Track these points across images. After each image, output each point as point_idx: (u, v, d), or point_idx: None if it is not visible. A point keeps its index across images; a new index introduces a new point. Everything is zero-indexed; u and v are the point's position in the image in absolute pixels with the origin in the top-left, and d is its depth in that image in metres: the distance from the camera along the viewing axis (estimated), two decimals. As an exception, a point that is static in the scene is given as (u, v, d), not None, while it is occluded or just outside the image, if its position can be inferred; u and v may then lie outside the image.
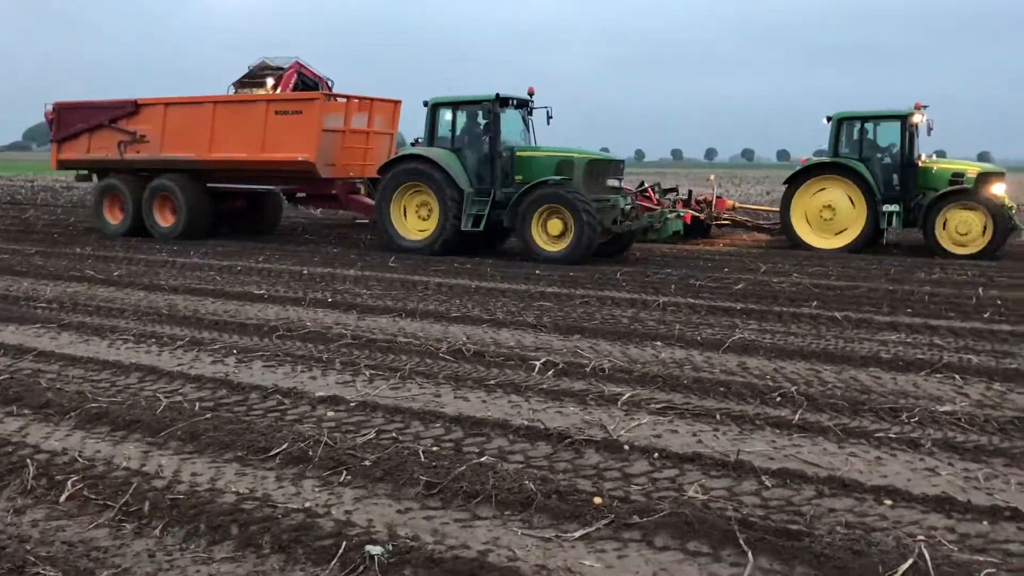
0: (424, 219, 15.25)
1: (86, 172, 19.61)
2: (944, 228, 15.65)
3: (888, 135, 17.01)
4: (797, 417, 5.95)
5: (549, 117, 15.33)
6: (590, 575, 3.79)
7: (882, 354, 7.83)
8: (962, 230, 15.50)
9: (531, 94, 15.44)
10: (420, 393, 6.55)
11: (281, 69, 19.95)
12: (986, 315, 9.71)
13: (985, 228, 15.36)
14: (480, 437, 5.54)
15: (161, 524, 4.19)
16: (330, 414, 6.00)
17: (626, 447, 5.33)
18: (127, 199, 17.93)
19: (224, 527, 4.14)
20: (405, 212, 15.38)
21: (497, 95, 14.80)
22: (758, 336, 8.57)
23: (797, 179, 17.00)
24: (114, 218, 18.36)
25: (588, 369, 7.20)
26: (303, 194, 17.59)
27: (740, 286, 11.66)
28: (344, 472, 4.85)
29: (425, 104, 15.56)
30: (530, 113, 15.55)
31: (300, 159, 16.00)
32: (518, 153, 14.94)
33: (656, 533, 4.13)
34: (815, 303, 10.39)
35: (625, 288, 11.59)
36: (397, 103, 17.79)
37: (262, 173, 16.88)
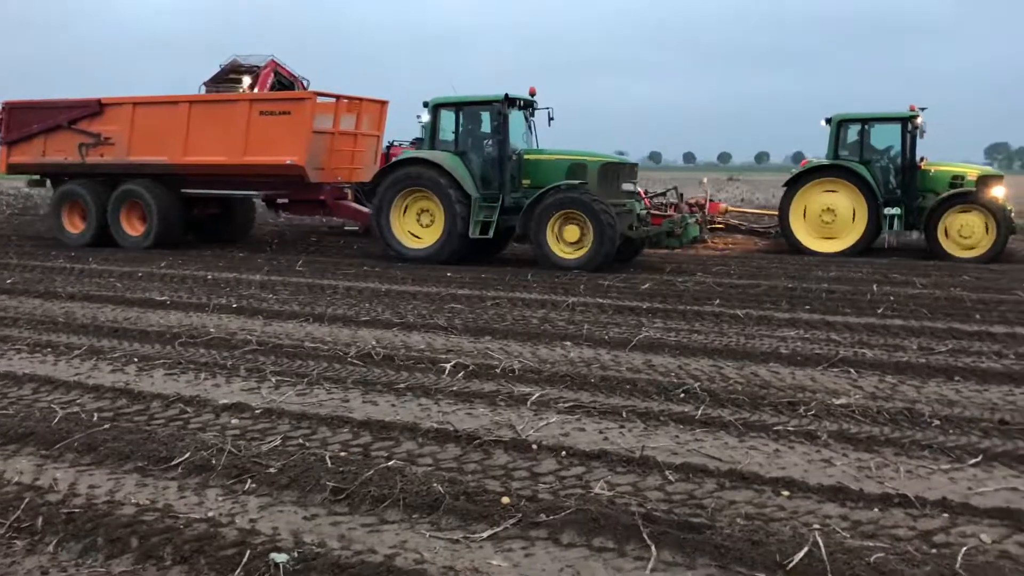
0: (425, 226, 14.45)
1: (38, 177, 18.27)
2: (946, 232, 15.58)
3: (887, 137, 16.87)
4: (700, 413, 6.10)
5: (550, 119, 14.76)
6: (497, 575, 3.82)
7: (781, 350, 8.08)
8: (965, 233, 15.43)
9: (533, 94, 14.77)
10: (328, 399, 6.48)
11: (256, 68, 18.96)
12: (879, 311, 10.10)
13: (988, 230, 15.31)
14: (389, 441, 5.52)
15: (56, 539, 4.05)
16: (234, 422, 5.89)
17: (534, 446, 5.38)
18: (90, 207, 16.55)
19: (123, 540, 4.03)
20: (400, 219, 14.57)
21: (506, 95, 14.13)
22: (663, 334, 8.74)
23: (797, 182, 16.73)
24: (74, 227, 16.96)
25: (498, 370, 7.24)
26: (284, 200, 16.50)
27: (647, 286, 11.88)
28: (249, 480, 4.76)
29: (425, 105, 14.73)
30: (532, 114, 14.90)
31: (288, 163, 15.02)
32: (525, 156, 14.38)
33: (563, 530, 4.18)
34: (718, 301, 10.65)
35: (535, 289, 11.69)
36: (384, 103, 16.95)
37: (243, 178, 15.77)
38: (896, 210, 16.07)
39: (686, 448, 5.43)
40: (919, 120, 16.43)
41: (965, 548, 4.00)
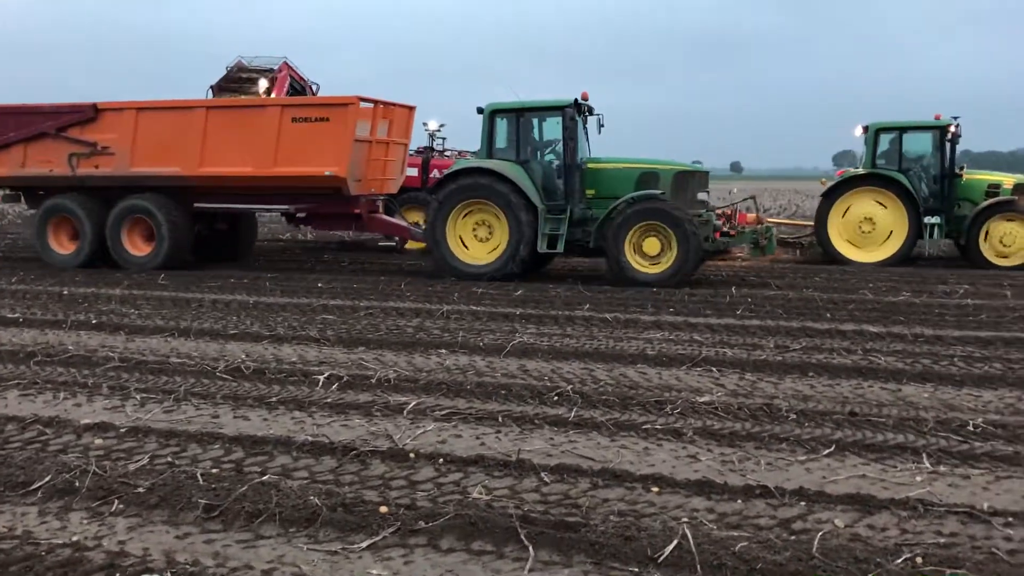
0: (482, 241, 13.49)
1: (12, 192, 16.16)
2: (986, 239, 15.46)
3: (923, 145, 16.75)
4: (573, 414, 6.25)
5: (601, 125, 14.08)
6: (378, 583, 3.83)
7: (648, 351, 8.36)
8: (1007, 241, 15.34)
9: (585, 99, 13.73)
10: (197, 415, 6.31)
11: (270, 70, 17.68)
12: (738, 312, 10.57)
13: None
14: (262, 456, 5.43)
15: (-97, 575, 3.81)
16: (98, 441, 5.67)
17: (412, 455, 5.40)
18: (83, 224, 14.69)
19: (-21, 571, 3.83)
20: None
21: (576, 101, 13.34)
22: (536, 339, 8.90)
23: (834, 192, 16.35)
24: (62, 247, 15.09)
25: (373, 380, 7.21)
26: (303, 214, 15.03)
27: (519, 292, 12.05)
28: (116, 501, 4.60)
29: (480, 111, 13.84)
30: (586, 121, 14.02)
31: (327, 174, 13.62)
32: (589, 165, 13.67)
33: (442, 536, 4.22)
34: (588, 306, 10.91)
35: (409, 298, 11.68)
36: (412, 109, 15.62)
37: (271, 191, 14.36)
38: (937, 219, 15.89)
39: (560, 450, 5.56)
40: (956, 128, 16.27)
41: (821, 533, 4.26)
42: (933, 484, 4.96)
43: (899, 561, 3.92)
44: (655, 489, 4.88)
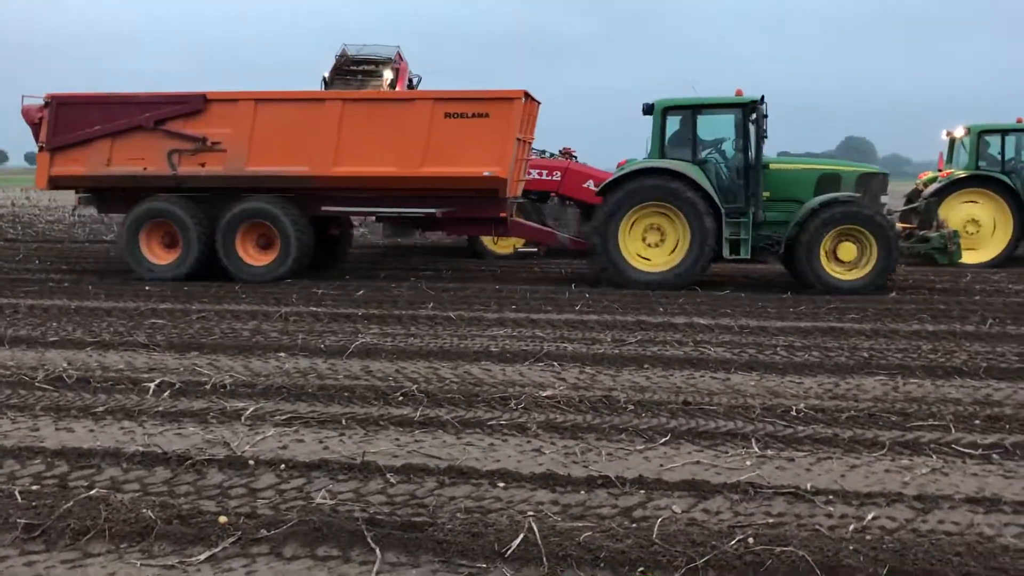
0: (652, 246, 12.56)
1: (88, 194, 13.89)
2: None
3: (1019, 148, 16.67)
4: (419, 414, 6.23)
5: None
6: (218, 597, 3.68)
7: (492, 348, 8.43)
8: None
9: (740, 96, 12.88)
10: (14, 429, 5.88)
11: (387, 60, 16.05)
12: (577, 308, 10.83)
13: None
14: (89, 469, 5.12)
15: None
16: (-102, 463, 5.19)
17: (251, 462, 5.23)
18: (189, 230, 12.88)
19: None
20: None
21: (762, 97, 12.48)
22: (380, 340, 8.80)
23: (939, 195, 15.87)
24: (157, 255, 13.20)
25: (208, 386, 6.94)
26: (437, 218, 13.31)
27: (361, 292, 11.89)
28: (-80, 527, 4.22)
29: (647, 110, 12.87)
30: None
31: (486, 174, 12.39)
32: (770, 166, 12.86)
33: (285, 544, 4.11)
34: (431, 305, 10.90)
35: (245, 300, 11.30)
36: (538, 105, 14.01)
37: (412, 192, 12.87)
38: None
39: (406, 450, 5.52)
40: None
41: (660, 519, 4.42)
42: (761, 468, 5.23)
43: (732, 543, 4.11)
44: (501, 484, 4.92)
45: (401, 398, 6.65)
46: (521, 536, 4.13)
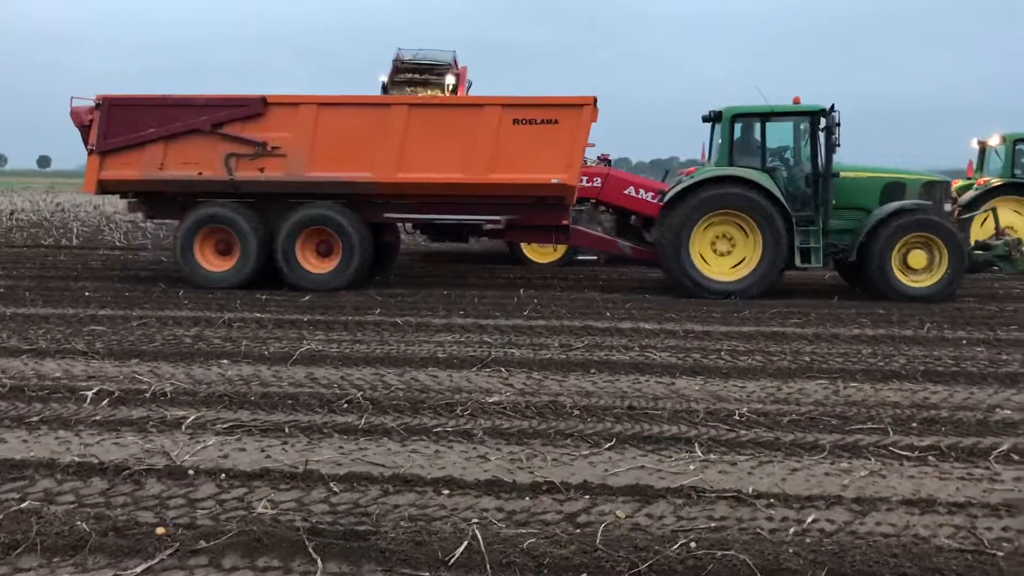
0: (722, 255, 12.48)
1: (137, 199, 13.45)
2: None
3: None
4: (363, 421, 6.17)
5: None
6: (154, 611, 3.61)
7: (439, 354, 8.40)
8: None
9: (797, 104, 12.84)
10: (-57, 439, 5.70)
11: (448, 65, 15.66)
12: (525, 313, 10.84)
13: None
14: (21, 481, 4.98)
15: None
16: None
17: (191, 472, 5.13)
18: (247, 237, 12.56)
19: None
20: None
21: (832, 106, 12.39)
22: (325, 346, 8.72)
23: (976, 202, 16.02)
24: (211, 262, 12.84)
25: (148, 395, 6.80)
26: (499, 226, 13.14)
27: (307, 298, 11.76)
28: None
29: (711, 117, 13.06)
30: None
31: (554, 182, 12.25)
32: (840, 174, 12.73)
33: (224, 555, 4.03)
34: (378, 311, 10.83)
35: (188, 306, 11.11)
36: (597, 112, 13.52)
37: (477, 199, 12.65)
38: None
39: (350, 458, 5.47)
40: None
41: (604, 524, 4.43)
42: (705, 472, 5.28)
43: (675, 548, 4.14)
44: (446, 491, 4.90)
45: (346, 405, 6.59)
46: (465, 543, 4.11)
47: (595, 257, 16.39)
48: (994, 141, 17.58)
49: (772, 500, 4.83)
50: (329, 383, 7.29)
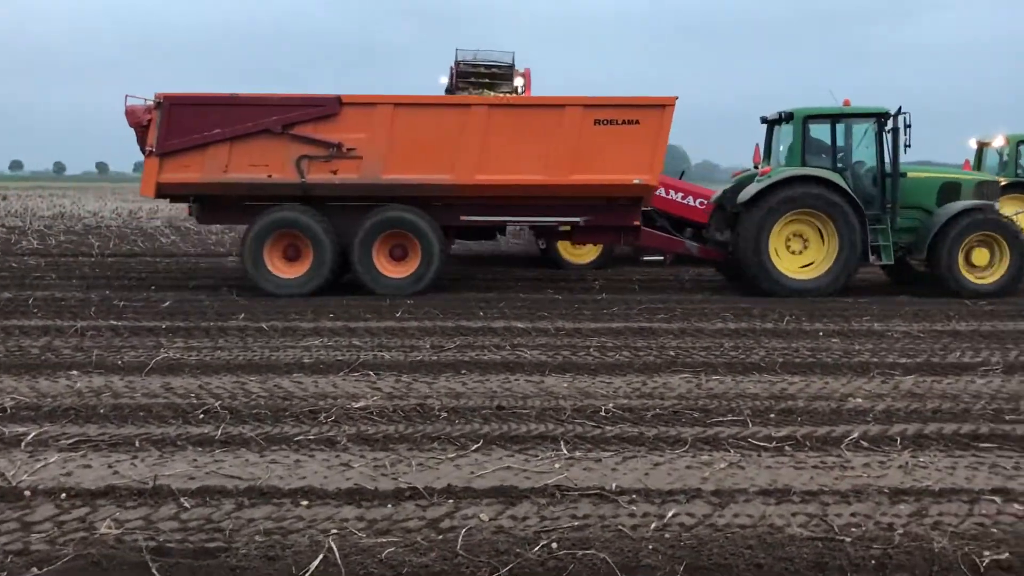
0: (795, 254, 12.69)
1: (193, 203, 12.62)
2: None
3: None
4: (220, 432, 5.92)
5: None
6: (-25, 648, 3.33)
7: (305, 359, 8.17)
8: None
9: (848, 106, 13.16)
10: None
11: (512, 66, 15.39)
12: (398, 314, 10.68)
13: None
14: None
15: None
16: None
17: (28, 492, 4.80)
18: (321, 242, 12.03)
19: None
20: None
21: (899, 108, 12.65)
22: (184, 354, 8.35)
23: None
24: (281, 268, 12.24)
25: (-15, 411, 6.35)
26: (568, 228, 12.86)
27: (167, 304, 11.27)
28: None
29: (778, 119, 13.36)
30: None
31: (636, 182, 12.09)
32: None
33: (59, 582, 3.77)
34: (243, 315, 10.46)
35: (36, 315, 10.46)
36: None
37: (555, 201, 12.38)
38: None
39: (204, 471, 5.22)
40: None
41: (466, 529, 4.36)
42: (570, 470, 5.28)
43: (536, 549, 4.11)
44: (304, 503, 4.73)
45: (202, 416, 6.31)
46: (321, 556, 3.97)
47: (661, 258, 16.42)
48: (998, 143, 17.94)
49: (634, 496, 4.86)
50: (186, 393, 6.98)
